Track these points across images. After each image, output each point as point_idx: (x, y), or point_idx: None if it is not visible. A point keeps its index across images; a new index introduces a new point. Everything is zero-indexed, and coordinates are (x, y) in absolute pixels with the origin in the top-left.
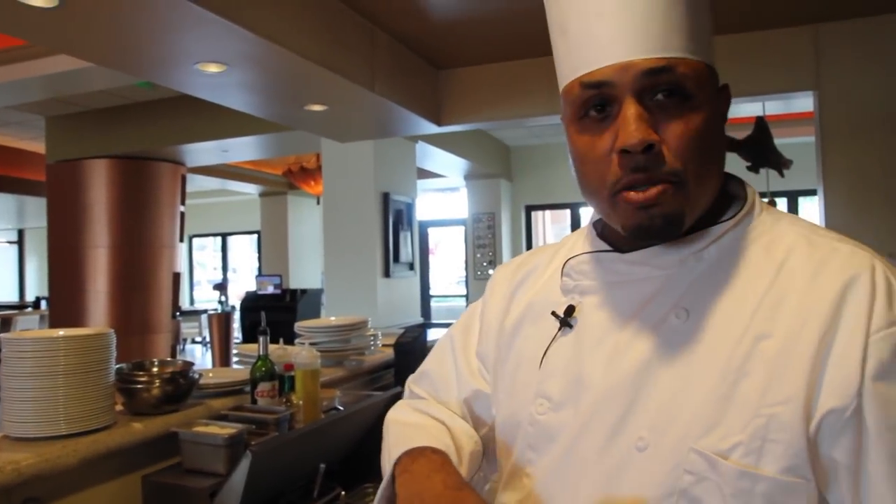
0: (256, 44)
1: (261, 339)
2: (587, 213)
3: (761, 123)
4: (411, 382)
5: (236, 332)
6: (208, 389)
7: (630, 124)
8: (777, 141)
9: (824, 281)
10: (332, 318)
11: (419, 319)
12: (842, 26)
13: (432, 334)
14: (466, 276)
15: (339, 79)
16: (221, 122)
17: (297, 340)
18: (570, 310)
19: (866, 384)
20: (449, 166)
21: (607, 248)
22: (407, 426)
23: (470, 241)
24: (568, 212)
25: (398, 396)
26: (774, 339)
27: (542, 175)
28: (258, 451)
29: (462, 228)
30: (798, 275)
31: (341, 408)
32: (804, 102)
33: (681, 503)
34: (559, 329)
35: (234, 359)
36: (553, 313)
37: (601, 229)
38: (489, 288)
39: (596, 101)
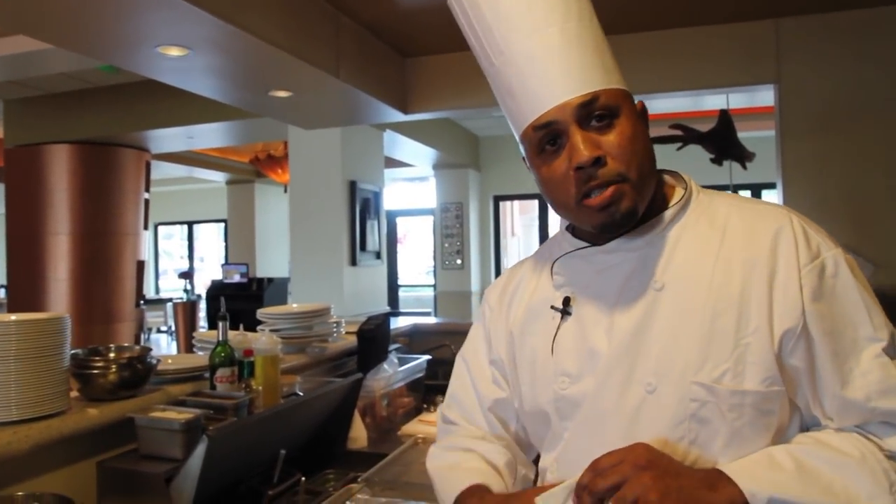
0: (219, 28)
1: (220, 324)
2: None
3: (725, 117)
4: (443, 409)
5: (202, 321)
6: (167, 375)
7: (579, 146)
8: (741, 134)
9: (759, 233)
10: (295, 305)
11: (386, 308)
12: (802, 20)
13: (400, 322)
14: (435, 266)
15: (303, 65)
16: (187, 107)
17: (259, 327)
18: (567, 300)
19: (806, 306)
20: (417, 155)
21: (584, 244)
22: (446, 471)
23: (438, 230)
24: (536, 202)
25: (359, 383)
26: (734, 284)
27: (510, 165)
28: (215, 436)
29: (431, 218)
30: (739, 234)
31: (301, 394)
32: (767, 96)
33: (692, 425)
34: (561, 318)
35: (194, 345)
36: (552, 307)
37: (573, 231)
38: (484, 308)
39: (548, 137)
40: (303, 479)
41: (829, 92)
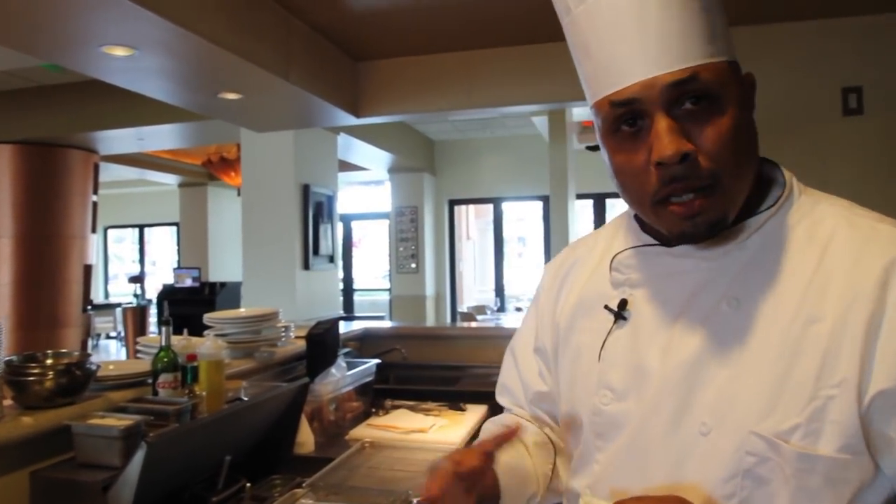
0: (165, 28)
1: (163, 329)
2: (509, 208)
3: None
4: (497, 395)
5: (153, 327)
6: (108, 382)
7: (663, 137)
8: None
9: (868, 262)
10: (242, 310)
11: (339, 312)
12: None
13: (351, 326)
14: (390, 270)
15: (252, 67)
16: (136, 108)
17: (205, 332)
18: (623, 303)
19: None
20: (372, 159)
21: (653, 241)
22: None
23: (393, 234)
24: (491, 206)
25: (306, 388)
26: (824, 321)
27: (465, 169)
28: (154, 443)
29: (386, 222)
30: (842, 257)
31: (246, 399)
32: None
33: (745, 482)
34: (614, 322)
35: (138, 350)
36: (607, 307)
37: (642, 223)
38: (539, 288)
39: (627, 116)
40: (248, 484)
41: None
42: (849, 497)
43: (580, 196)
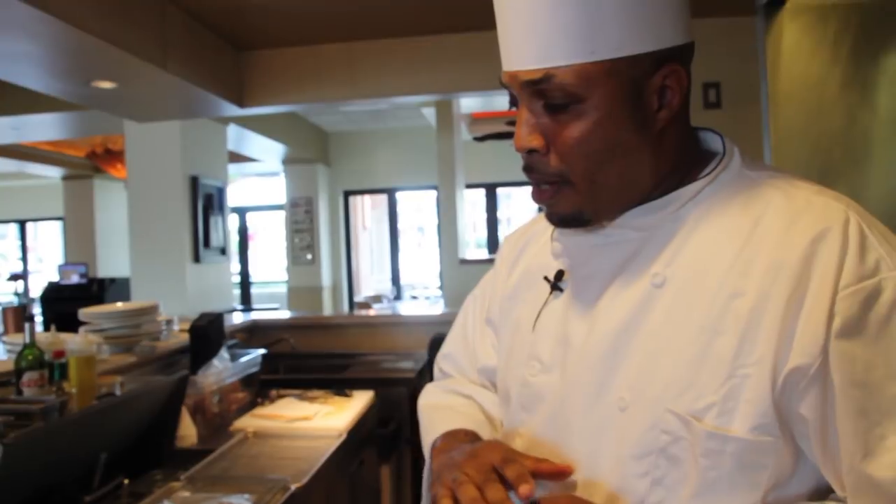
0: (20, 9)
1: (27, 326)
2: (404, 198)
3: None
4: (439, 359)
5: (39, 326)
6: None
7: (518, 129)
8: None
9: (795, 236)
10: (119, 304)
11: (233, 305)
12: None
13: (243, 317)
14: (287, 262)
15: (125, 55)
16: (10, 96)
17: (81, 328)
18: (560, 274)
19: (832, 341)
20: (265, 151)
21: None
22: (437, 409)
23: (288, 226)
24: (385, 196)
25: (185, 381)
26: (747, 297)
27: (360, 160)
28: (14, 444)
29: (283, 213)
30: (771, 230)
31: (118, 394)
32: None
33: (659, 461)
34: (550, 293)
35: (9, 349)
36: (545, 278)
37: None
38: (497, 258)
39: (510, 97)
40: (125, 481)
41: None
42: (765, 485)
43: (470, 186)
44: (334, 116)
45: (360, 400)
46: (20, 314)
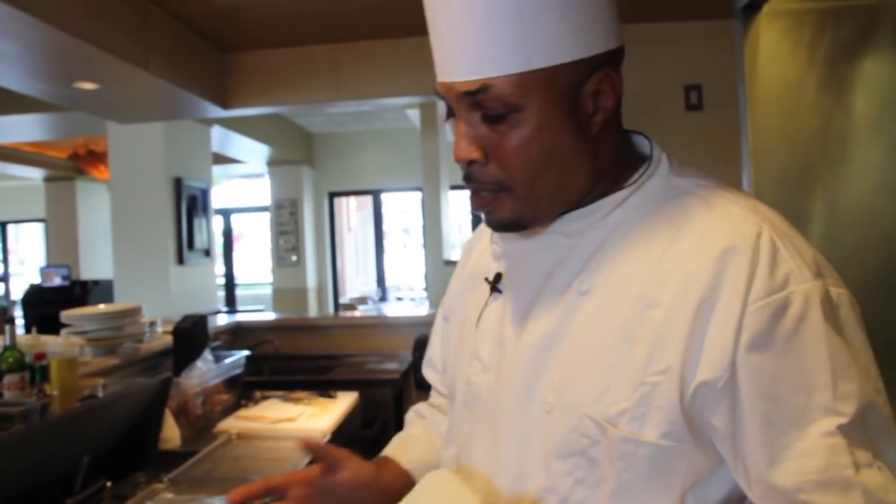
0: (0, 10)
1: (7, 328)
2: (388, 199)
3: None
4: (423, 365)
5: (19, 329)
6: None
7: (456, 140)
8: None
9: (708, 246)
10: (102, 306)
11: (218, 307)
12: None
13: (227, 319)
14: (272, 264)
15: (107, 56)
16: None
17: (63, 330)
18: (498, 276)
19: (740, 355)
20: (250, 152)
21: None
22: (396, 437)
23: (273, 227)
24: (371, 198)
25: (168, 382)
26: (660, 307)
27: (344, 162)
28: None
29: (268, 215)
30: (688, 240)
31: (101, 396)
32: None
33: (581, 462)
34: (490, 294)
35: None
36: (486, 279)
37: None
38: (459, 261)
39: (447, 107)
40: (108, 483)
41: None
42: (681, 486)
43: (455, 187)
44: (319, 118)
45: (345, 401)
46: (1, 317)
